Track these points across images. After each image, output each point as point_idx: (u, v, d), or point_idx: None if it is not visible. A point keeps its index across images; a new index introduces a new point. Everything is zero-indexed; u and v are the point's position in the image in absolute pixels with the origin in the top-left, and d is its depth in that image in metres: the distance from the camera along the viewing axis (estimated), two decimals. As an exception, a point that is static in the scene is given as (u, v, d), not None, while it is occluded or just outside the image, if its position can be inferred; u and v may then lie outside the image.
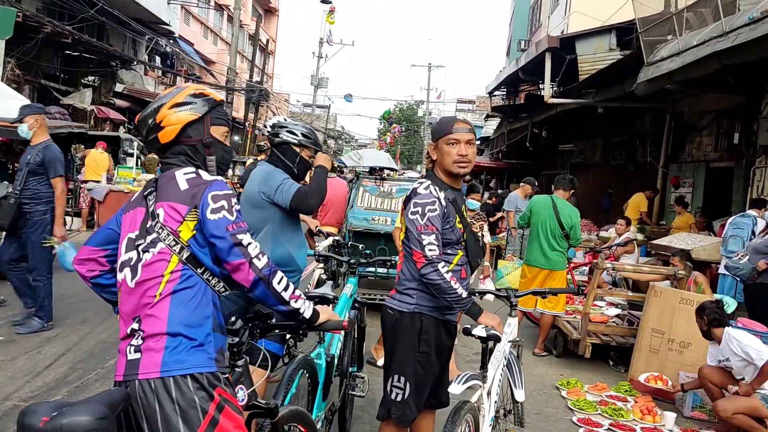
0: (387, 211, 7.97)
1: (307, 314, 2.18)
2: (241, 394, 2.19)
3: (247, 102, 25.01)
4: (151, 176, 13.00)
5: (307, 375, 3.01)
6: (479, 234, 5.56)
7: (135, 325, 1.94)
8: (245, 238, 1.99)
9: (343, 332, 3.61)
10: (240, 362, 2.28)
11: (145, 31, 17.82)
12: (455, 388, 2.79)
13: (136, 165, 13.93)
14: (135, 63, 19.21)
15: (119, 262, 2.05)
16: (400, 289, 2.94)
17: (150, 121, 2.06)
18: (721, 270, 6.90)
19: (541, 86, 15.41)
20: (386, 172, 9.04)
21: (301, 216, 4.56)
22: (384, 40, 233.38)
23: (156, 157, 16.54)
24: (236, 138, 25.13)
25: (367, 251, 4.79)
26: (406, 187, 8.29)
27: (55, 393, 4.13)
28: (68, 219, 9.76)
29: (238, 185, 17.86)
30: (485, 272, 6.25)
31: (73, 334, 5.50)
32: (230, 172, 17.57)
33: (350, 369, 3.91)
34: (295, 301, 2.13)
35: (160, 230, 1.96)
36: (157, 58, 21.08)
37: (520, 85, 18.78)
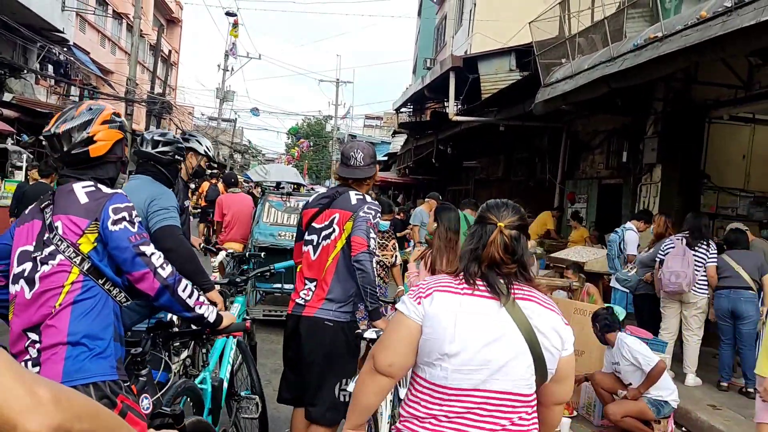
0: (293, 227, 7.90)
1: (212, 318, 2.28)
2: (146, 402, 2.19)
3: (148, 114, 24.15)
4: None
5: (190, 401, 2.88)
6: (390, 255, 5.46)
7: (34, 337, 1.94)
8: (148, 249, 2.05)
9: (233, 354, 3.60)
10: (143, 371, 2.33)
11: (36, 38, 16.85)
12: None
13: (24, 179, 13.10)
14: (25, 71, 18.11)
15: (12, 275, 2.04)
16: (335, 306, 3.20)
17: (78, 134, 2.07)
18: (612, 282, 7.32)
19: (446, 104, 15.84)
20: (293, 186, 8.98)
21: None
22: (292, 54, 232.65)
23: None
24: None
25: (245, 267, 4.75)
26: (313, 202, 8.24)
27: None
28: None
29: None
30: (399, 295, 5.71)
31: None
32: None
33: (243, 392, 3.74)
34: (200, 307, 2.23)
35: (59, 242, 1.98)
36: (50, 67, 19.97)
37: (426, 103, 19.22)
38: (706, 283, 6.07)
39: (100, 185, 2.11)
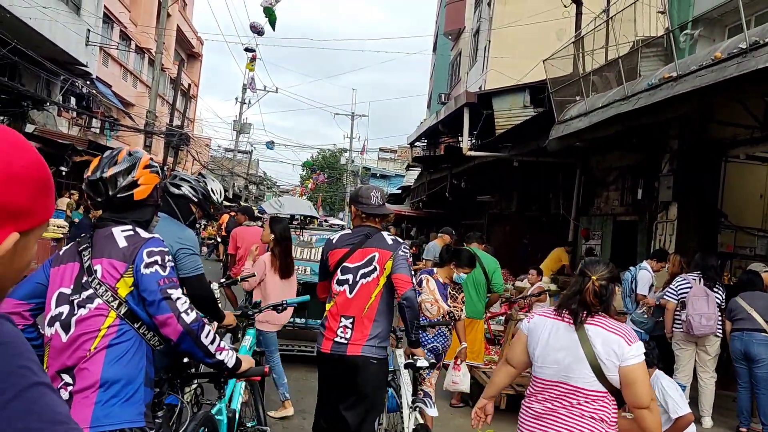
0: (306, 261, 7.92)
1: (231, 364, 2.29)
2: None
3: (166, 146, 24.50)
4: (60, 221, 12.34)
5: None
6: (459, 309, 5.11)
7: (67, 379, 1.96)
8: (174, 293, 2.08)
9: (243, 386, 3.72)
10: (160, 413, 2.39)
11: (60, 71, 17.25)
12: (433, 412, 3.80)
13: (85, 213, 13.30)
14: (48, 104, 18.51)
15: (49, 317, 2.06)
16: (377, 343, 3.37)
17: (124, 178, 2.16)
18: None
19: (460, 139, 15.93)
20: (307, 219, 9.02)
21: None
22: (308, 88, 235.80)
23: (72, 201, 15.77)
24: (154, 182, 24.46)
25: (258, 300, 4.78)
26: (325, 237, 8.28)
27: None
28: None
29: None
30: (462, 356, 5.27)
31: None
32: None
33: (250, 423, 3.89)
34: (221, 353, 2.23)
35: (98, 286, 2.02)
36: (72, 99, 20.39)
37: (440, 137, 19.34)
38: (721, 323, 5.98)
39: (138, 229, 2.16)
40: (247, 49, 30.43)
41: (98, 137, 22.02)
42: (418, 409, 3.75)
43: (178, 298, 2.09)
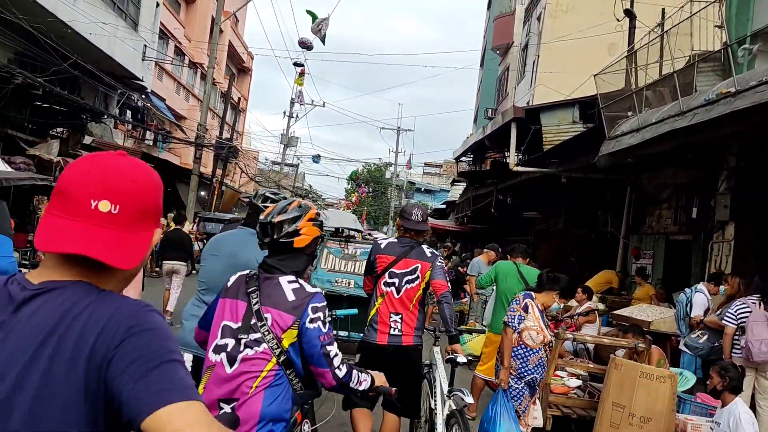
0: (350, 274, 7.93)
1: (366, 387, 2.50)
2: None
3: (215, 158, 25.02)
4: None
5: None
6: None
7: (227, 408, 2.24)
8: (332, 350, 2.34)
9: None
10: None
11: (117, 85, 17.84)
12: (470, 399, 4.10)
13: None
14: (106, 116, 19.15)
15: (214, 344, 2.33)
16: (419, 334, 4.12)
17: (289, 226, 2.42)
18: (681, 345, 6.98)
19: (506, 154, 15.78)
20: (351, 233, 9.03)
21: None
22: (355, 102, 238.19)
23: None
24: (203, 193, 25.00)
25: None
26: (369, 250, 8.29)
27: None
28: (25, 272, 9.43)
29: (204, 236, 17.65)
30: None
31: None
32: (189, 226, 17.35)
33: None
34: (361, 385, 2.47)
35: (266, 333, 2.27)
36: (128, 112, 21.06)
37: (487, 152, 19.20)
38: None
39: (301, 281, 2.40)
40: (296, 64, 30.94)
41: (151, 149, 22.67)
42: (452, 397, 4.11)
43: (336, 355, 2.35)
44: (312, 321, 2.30)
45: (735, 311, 5.95)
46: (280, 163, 39.28)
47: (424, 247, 4.18)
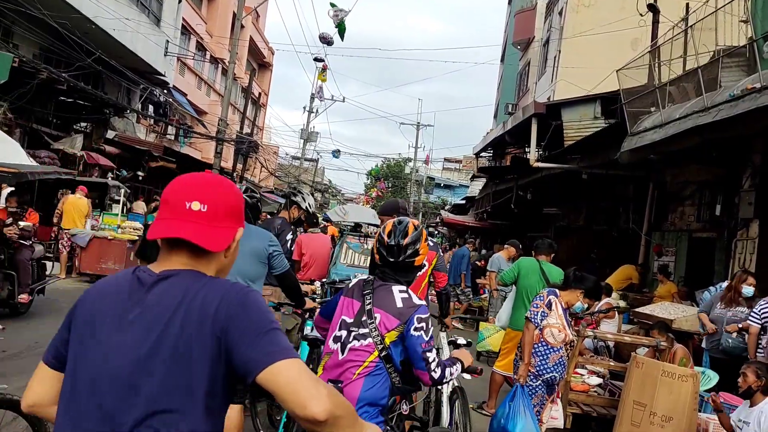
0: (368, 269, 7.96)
1: (457, 374, 2.97)
2: None
3: (236, 153, 25.18)
4: (136, 224, 12.82)
5: None
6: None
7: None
8: (430, 356, 2.72)
9: None
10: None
11: (140, 80, 18.03)
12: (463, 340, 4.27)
13: (122, 212, 13.86)
14: (128, 111, 19.36)
15: (333, 335, 2.78)
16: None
17: (413, 248, 2.85)
18: (704, 343, 6.91)
19: (527, 150, 15.68)
20: (371, 229, 9.06)
21: None
22: (375, 97, 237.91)
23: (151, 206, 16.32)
24: (224, 188, 25.15)
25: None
26: (391, 245, 8.28)
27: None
28: (48, 264, 9.60)
29: None
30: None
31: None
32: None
33: None
34: (453, 376, 2.90)
35: (373, 330, 2.67)
36: (150, 107, 21.26)
37: (507, 148, 19.09)
38: None
39: (410, 292, 2.81)
40: (316, 59, 30.97)
41: (173, 144, 22.87)
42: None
43: (433, 360, 2.73)
44: (416, 329, 2.69)
45: (759, 310, 5.88)
46: (300, 158, 39.40)
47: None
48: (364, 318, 2.70)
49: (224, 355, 1.41)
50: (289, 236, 5.19)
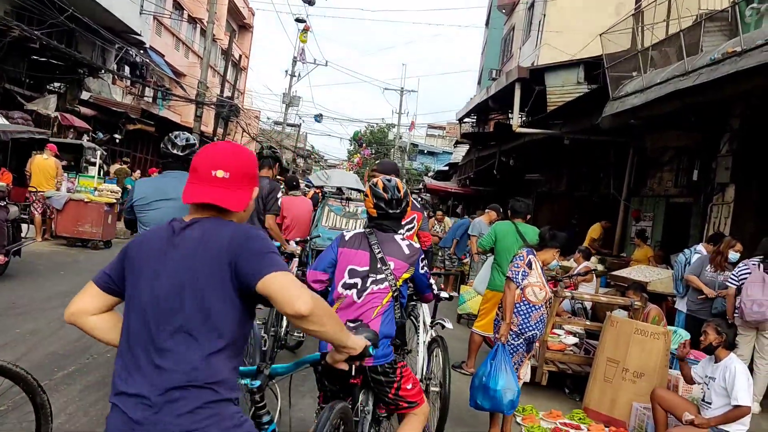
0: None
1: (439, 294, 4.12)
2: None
3: (216, 116, 24.84)
4: (113, 186, 12.63)
5: None
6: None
7: (351, 326, 2.85)
8: (432, 282, 3.56)
9: None
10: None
11: (115, 39, 17.61)
12: (449, 325, 4.86)
13: (98, 174, 13.66)
14: (103, 71, 18.94)
15: (344, 283, 3.12)
16: None
17: (406, 199, 3.34)
18: (677, 304, 7.02)
19: (510, 115, 15.65)
20: (353, 194, 9.03)
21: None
22: (358, 61, 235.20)
23: (125, 168, 16.18)
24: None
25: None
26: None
27: (-7, 406, 3.96)
28: (24, 227, 9.45)
29: None
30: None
31: (21, 345, 5.31)
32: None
33: None
34: (441, 294, 4.20)
35: (389, 275, 3.11)
36: (126, 68, 20.81)
37: (490, 114, 19.04)
38: None
39: (411, 241, 3.40)
40: (298, 20, 30.44)
41: (151, 106, 22.47)
42: (434, 326, 4.71)
43: (434, 283, 3.58)
44: (422, 268, 3.28)
45: (738, 272, 5.98)
46: (282, 123, 39.00)
47: (411, 199, 4.65)
48: (378, 266, 3.12)
49: (237, 277, 1.79)
50: (279, 195, 5.73)
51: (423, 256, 3.31)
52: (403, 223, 4.75)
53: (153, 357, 1.77)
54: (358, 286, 3.08)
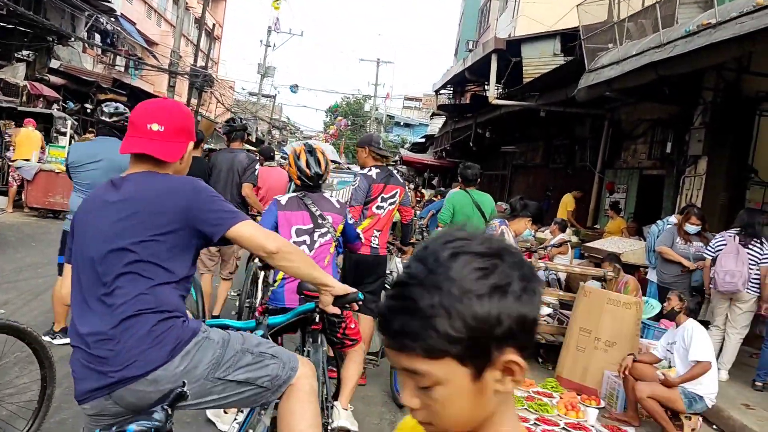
0: (327, 203, 7.93)
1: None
2: None
3: (190, 87, 24.41)
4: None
5: None
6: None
7: None
8: (359, 230, 3.97)
9: None
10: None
11: (84, 7, 17.12)
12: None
13: (69, 145, 13.39)
14: (73, 39, 18.44)
15: (293, 242, 3.36)
16: (387, 246, 5.16)
17: (326, 173, 3.67)
18: (649, 275, 7.15)
19: (486, 87, 15.61)
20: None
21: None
22: (333, 32, 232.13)
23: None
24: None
25: None
26: (347, 180, 8.25)
27: (-35, 379, 3.91)
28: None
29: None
30: None
31: (-10, 318, 5.23)
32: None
33: None
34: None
35: (330, 228, 3.55)
36: (97, 36, 20.28)
37: (467, 85, 18.97)
38: (758, 282, 5.88)
39: (338, 197, 4.07)
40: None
41: (122, 75, 21.98)
42: None
43: (360, 233, 3.96)
44: (350, 219, 3.71)
45: (714, 243, 6.09)
46: (257, 94, 38.47)
47: (395, 173, 5.01)
48: (320, 221, 3.53)
49: (188, 223, 1.98)
50: (258, 165, 6.00)
51: (348, 208, 3.78)
52: (386, 196, 4.92)
53: (104, 298, 1.93)
54: (308, 242, 3.49)
